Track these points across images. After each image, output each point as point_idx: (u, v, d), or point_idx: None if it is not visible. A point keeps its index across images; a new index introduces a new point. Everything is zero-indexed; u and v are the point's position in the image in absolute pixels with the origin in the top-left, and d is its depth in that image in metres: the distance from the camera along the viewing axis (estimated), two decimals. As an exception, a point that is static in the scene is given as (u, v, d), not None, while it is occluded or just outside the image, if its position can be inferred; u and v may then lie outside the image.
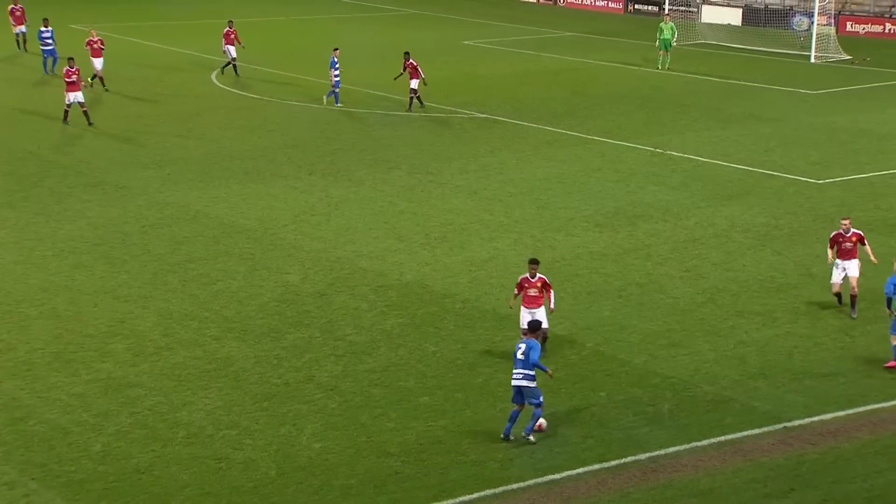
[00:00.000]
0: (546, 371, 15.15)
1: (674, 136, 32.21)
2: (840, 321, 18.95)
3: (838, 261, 19.22)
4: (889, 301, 17.25)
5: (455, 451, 14.92)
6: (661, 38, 42.83)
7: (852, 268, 19.26)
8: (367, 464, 14.66)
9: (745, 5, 55.31)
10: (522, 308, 17.33)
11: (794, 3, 53.84)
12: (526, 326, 15.81)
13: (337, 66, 34.86)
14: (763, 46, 46.25)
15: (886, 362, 17.32)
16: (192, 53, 45.36)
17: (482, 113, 35.38)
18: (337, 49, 35.55)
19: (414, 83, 34.90)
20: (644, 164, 29.22)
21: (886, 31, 49.92)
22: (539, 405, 14.98)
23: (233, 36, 39.72)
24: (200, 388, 16.70)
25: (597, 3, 61.89)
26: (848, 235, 19.25)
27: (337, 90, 35.21)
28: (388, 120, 34.49)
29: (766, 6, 54.44)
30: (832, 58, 44.23)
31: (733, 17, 54.49)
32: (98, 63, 37.27)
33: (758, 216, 24.51)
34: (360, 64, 42.22)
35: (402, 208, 25.32)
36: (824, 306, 19.49)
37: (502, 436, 15.10)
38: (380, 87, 38.67)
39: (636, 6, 60.12)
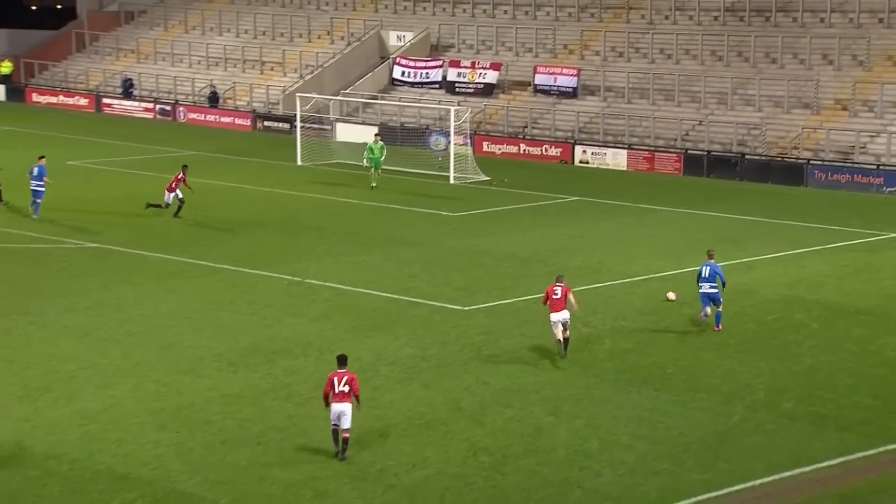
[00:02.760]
0: None
1: (312, 262, 32.61)
2: (491, 458, 19.61)
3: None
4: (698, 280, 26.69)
5: None
6: (371, 157, 43.77)
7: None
8: None
9: (381, 123, 57.75)
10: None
11: (430, 121, 56.89)
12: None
13: (46, 176, 36.53)
14: (402, 166, 48.27)
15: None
16: None
17: (93, 242, 34.29)
18: (43, 157, 37.15)
19: (177, 192, 37.37)
20: (281, 294, 29.30)
21: (521, 151, 53.74)
22: None
23: None
24: None
25: (221, 120, 62.38)
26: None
27: (39, 201, 36.68)
28: (-19, 252, 32.61)
29: (403, 125, 57.13)
30: (471, 178, 46.89)
31: (369, 135, 56.56)
32: None
33: (404, 347, 25.13)
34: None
35: (-3, 356, 23.89)
36: (475, 443, 20.12)
37: None
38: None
39: (265, 123, 61.17)
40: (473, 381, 23.06)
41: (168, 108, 64.70)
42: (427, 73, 60.54)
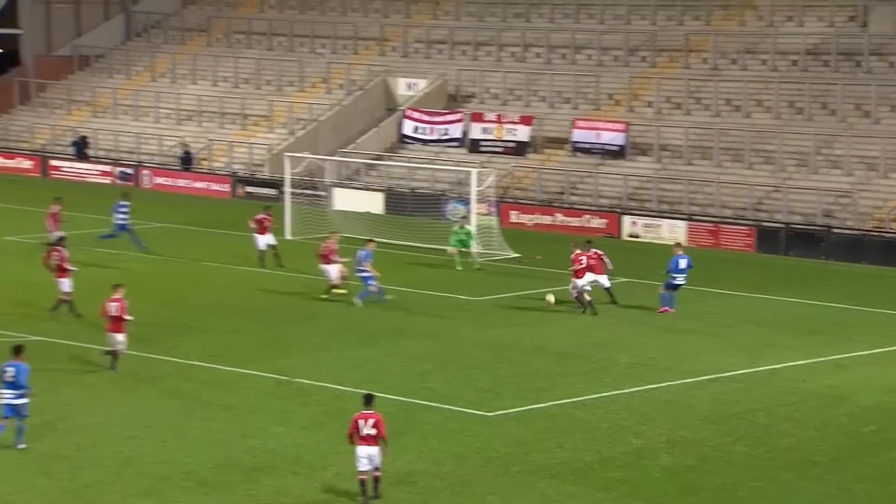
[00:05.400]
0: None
1: (303, 358, 32.60)
2: None
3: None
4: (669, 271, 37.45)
5: None
6: (458, 240, 44.45)
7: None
8: None
9: (388, 189, 58.06)
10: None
11: (448, 186, 57.15)
12: None
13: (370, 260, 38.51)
14: (412, 241, 48.37)
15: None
16: None
17: (35, 335, 34.32)
18: (372, 241, 39.53)
19: (592, 277, 38.08)
20: (265, 397, 29.28)
21: (557, 221, 53.87)
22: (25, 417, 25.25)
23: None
24: None
25: (194, 185, 62.82)
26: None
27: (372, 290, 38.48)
28: None
29: (413, 191, 57.43)
30: (496, 255, 46.95)
31: (373, 203, 56.96)
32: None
33: (415, 462, 25.00)
34: None
35: (-85, 475, 23.90)
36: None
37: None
38: None
39: (248, 188, 61.55)
40: (499, 505, 22.91)
41: (130, 171, 65.20)
42: (446, 130, 60.89)
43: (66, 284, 36.26)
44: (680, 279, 37.52)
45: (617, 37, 62.64)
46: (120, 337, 31.02)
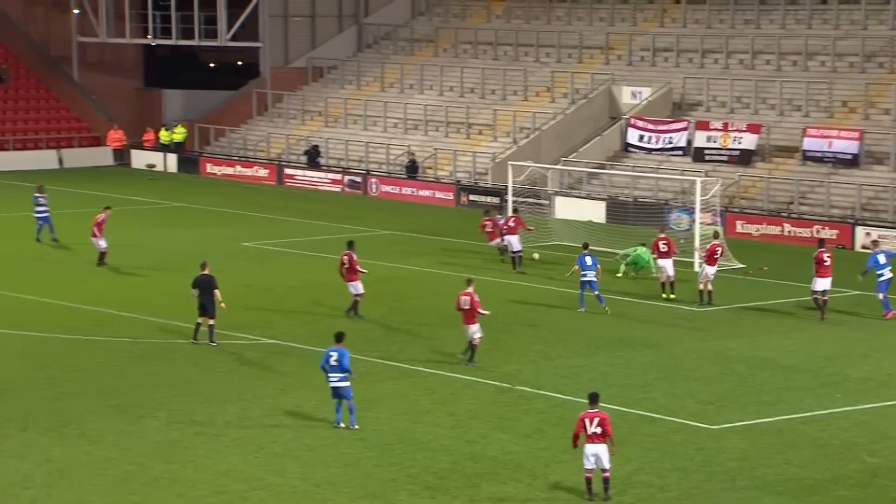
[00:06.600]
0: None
1: (524, 365, 32.67)
2: None
3: None
4: (866, 271, 38.45)
5: None
6: (632, 260, 44.54)
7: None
8: None
9: (609, 198, 57.72)
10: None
11: (670, 195, 56.51)
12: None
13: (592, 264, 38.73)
14: (621, 250, 47.93)
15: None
16: None
17: (269, 338, 35.23)
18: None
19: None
20: (488, 403, 29.45)
21: (786, 232, 52.73)
22: (350, 398, 27.19)
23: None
24: None
25: (419, 193, 63.53)
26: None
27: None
28: (139, 350, 33.93)
29: (636, 199, 56.97)
30: (721, 266, 46.14)
31: (595, 212, 56.69)
32: None
33: (638, 473, 24.80)
34: (94, 275, 41.67)
35: (157, 473, 24.76)
36: None
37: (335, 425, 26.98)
38: (126, 305, 38.19)
39: (471, 196, 61.97)
40: (724, 519, 22.55)
41: (358, 179, 66.29)
42: (670, 138, 60.24)
43: (357, 287, 37.71)
44: (887, 273, 38.07)
45: (853, 42, 60.94)
46: (474, 328, 32.50)
